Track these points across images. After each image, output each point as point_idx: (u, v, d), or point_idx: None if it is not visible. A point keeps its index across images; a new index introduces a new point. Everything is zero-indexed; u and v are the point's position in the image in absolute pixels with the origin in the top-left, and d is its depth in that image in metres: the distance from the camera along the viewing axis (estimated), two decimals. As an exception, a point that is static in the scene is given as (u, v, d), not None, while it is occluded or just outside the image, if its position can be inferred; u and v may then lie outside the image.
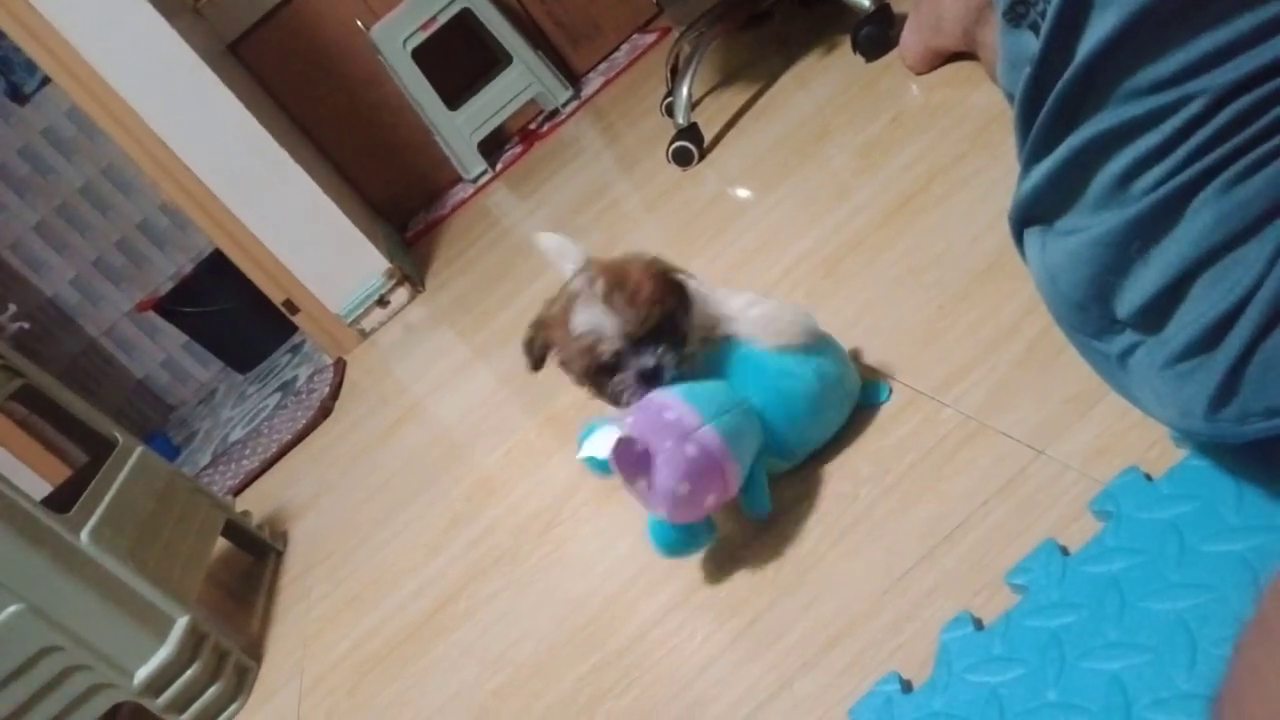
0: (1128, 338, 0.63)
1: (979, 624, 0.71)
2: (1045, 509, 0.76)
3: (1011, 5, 0.64)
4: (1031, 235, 0.69)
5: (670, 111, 2.15)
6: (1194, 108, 0.53)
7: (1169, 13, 0.53)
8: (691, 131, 2.03)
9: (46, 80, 3.61)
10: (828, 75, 1.96)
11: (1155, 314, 0.59)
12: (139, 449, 1.65)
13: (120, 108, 2.44)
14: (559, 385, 1.62)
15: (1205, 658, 0.58)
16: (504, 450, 1.54)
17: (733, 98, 2.24)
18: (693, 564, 0.97)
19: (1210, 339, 0.56)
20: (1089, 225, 0.61)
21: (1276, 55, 0.51)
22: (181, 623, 1.40)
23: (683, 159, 2.04)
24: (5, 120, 3.85)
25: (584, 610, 1.04)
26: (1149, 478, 0.71)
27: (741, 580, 0.92)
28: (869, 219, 1.36)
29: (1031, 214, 0.68)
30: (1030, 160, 0.65)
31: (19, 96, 3.81)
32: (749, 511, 0.95)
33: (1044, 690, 0.63)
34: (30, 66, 3.62)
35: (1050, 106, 0.61)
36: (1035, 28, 0.61)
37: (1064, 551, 0.71)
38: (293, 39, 3.38)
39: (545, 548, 1.20)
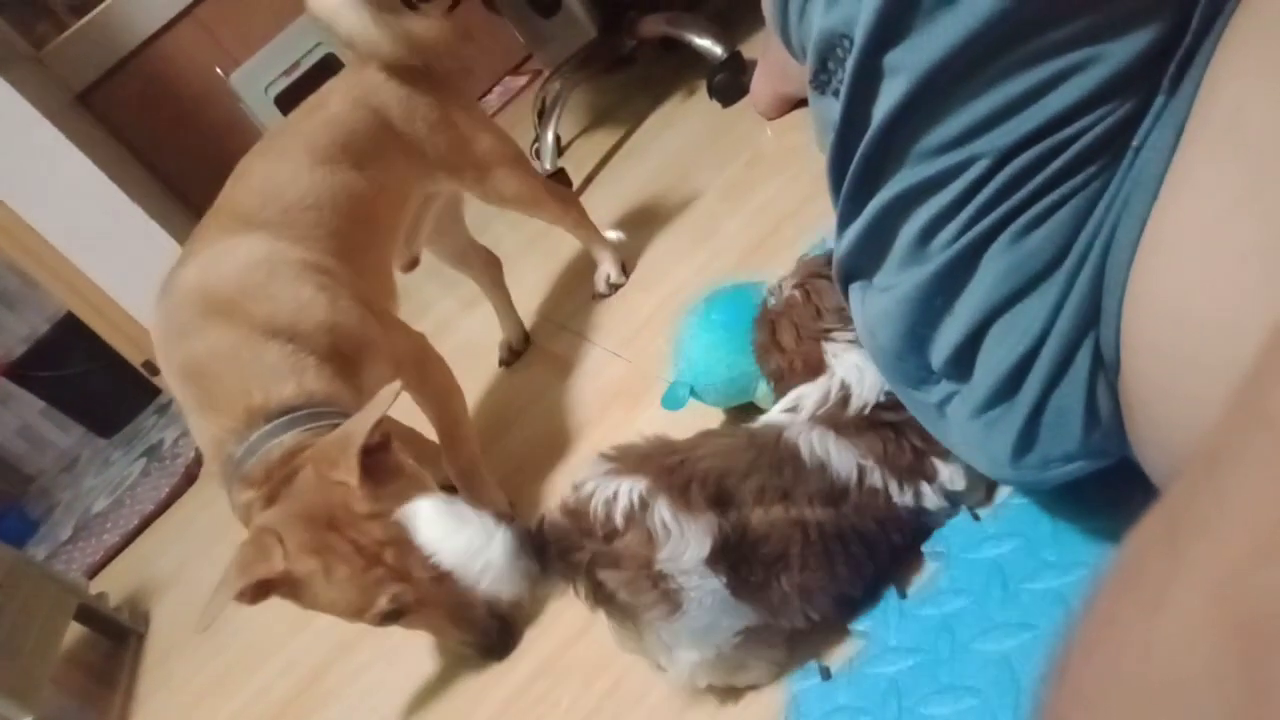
0: (944, 388, 0.66)
1: (826, 673, 0.72)
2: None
3: (815, 74, 0.66)
4: (854, 291, 0.71)
5: (538, 156, 2.16)
6: (977, 169, 0.57)
7: (949, 79, 0.56)
8: (559, 176, 2.04)
9: (-128, 136, 3.36)
10: (689, 118, 2.01)
11: (962, 364, 0.62)
12: (-27, 537, 1.53)
13: (-49, 167, 2.29)
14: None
15: (1029, 698, 0.60)
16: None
17: (602, 140, 2.27)
18: (557, 626, 0.96)
19: (1008, 387, 0.59)
20: (898, 282, 0.64)
21: (1046, 117, 0.54)
22: (24, 725, 1.29)
23: (552, 204, 2.04)
24: None
25: (453, 677, 1.01)
26: (976, 516, 0.74)
27: (604, 640, 0.91)
28: (729, 261, 1.39)
29: (850, 272, 0.70)
30: (843, 221, 0.68)
31: None
32: None
33: (885, 738, 0.64)
34: None
35: (854, 169, 0.63)
36: (837, 94, 0.64)
37: (901, 594, 0.73)
38: (148, 87, 3.25)
39: (414, 616, 1.16)
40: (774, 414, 0.78)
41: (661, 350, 1.33)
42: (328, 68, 3.17)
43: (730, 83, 1.81)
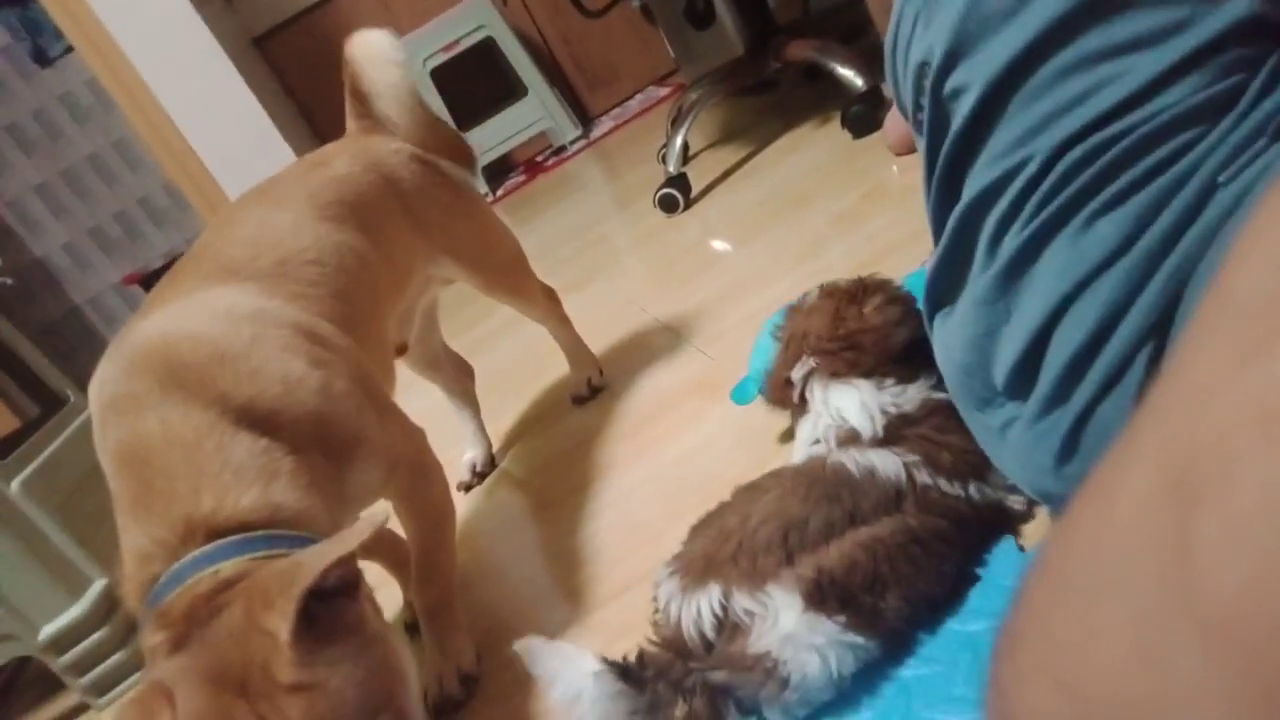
0: (1007, 410, 0.66)
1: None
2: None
3: (914, 114, 0.70)
4: (937, 320, 0.73)
5: (664, 160, 2.21)
6: (1033, 166, 0.60)
7: (1011, 87, 0.60)
8: (680, 181, 2.09)
9: (71, 48, 3.68)
10: (817, 146, 2.03)
11: (1024, 377, 0.63)
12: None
13: (136, 84, 2.50)
14: (494, 415, 1.64)
15: None
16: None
17: (728, 155, 2.31)
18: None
19: (1062, 391, 0.60)
20: (970, 292, 0.66)
21: (1089, 116, 0.58)
22: (98, 584, 1.40)
23: (668, 206, 2.09)
24: (26, 80, 3.90)
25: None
26: (1022, 548, 0.74)
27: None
28: (829, 280, 1.40)
29: (936, 298, 0.72)
30: (935, 241, 0.70)
31: (42, 59, 3.88)
32: None
33: (888, 736, 0.65)
34: (58, 32, 3.69)
35: (934, 187, 0.67)
36: (922, 126, 0.67)
37: (934, 606, 0.73)
38: (317, 43, 3.45)
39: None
40: (805, 448, 0.84)
41: (744, 353, 1.36)
42: (486, 49, 3.32)
43: (865, 115, 1.82)
